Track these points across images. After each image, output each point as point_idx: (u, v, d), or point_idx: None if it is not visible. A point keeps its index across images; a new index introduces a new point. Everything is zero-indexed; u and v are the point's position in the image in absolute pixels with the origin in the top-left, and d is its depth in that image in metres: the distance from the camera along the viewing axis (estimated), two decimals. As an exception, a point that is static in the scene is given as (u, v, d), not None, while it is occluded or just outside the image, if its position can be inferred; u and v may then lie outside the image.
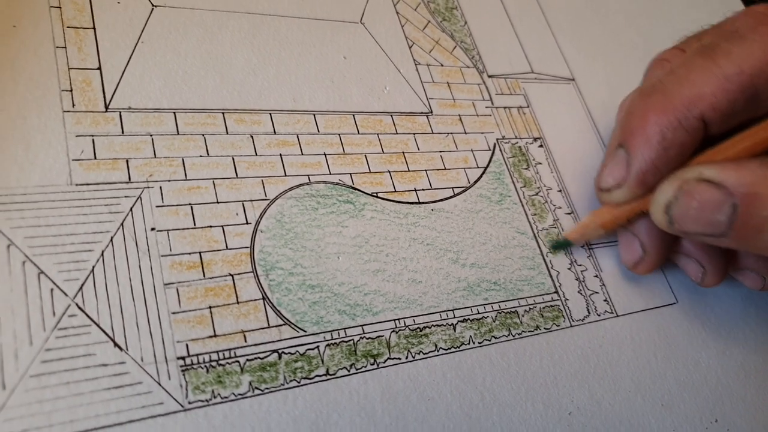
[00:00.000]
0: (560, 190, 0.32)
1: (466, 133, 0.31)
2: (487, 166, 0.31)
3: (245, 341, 0.22)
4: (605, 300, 0.29)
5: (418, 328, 0.25)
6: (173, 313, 0.22)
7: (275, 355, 0.22)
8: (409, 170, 0.29)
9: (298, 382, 0.22)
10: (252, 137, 0.26)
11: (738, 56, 0.24)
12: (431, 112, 0.31)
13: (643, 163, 0.25)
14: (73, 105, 0.24)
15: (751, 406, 0.29)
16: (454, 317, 0.26)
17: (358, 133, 0.29)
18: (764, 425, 0.29)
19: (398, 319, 0.25)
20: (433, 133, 0.30)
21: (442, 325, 0.25)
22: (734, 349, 0.31)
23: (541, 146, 0.33)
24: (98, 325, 0.21)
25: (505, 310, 0.27)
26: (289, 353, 0.22)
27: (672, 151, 0.25)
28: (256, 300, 0.23)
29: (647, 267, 0.29)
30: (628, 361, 0.28)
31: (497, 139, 0.32)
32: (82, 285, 0.21)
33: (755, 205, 0.22)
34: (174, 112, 0.26)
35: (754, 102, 0.24)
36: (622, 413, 0.26)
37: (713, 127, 0.25)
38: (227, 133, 0.26)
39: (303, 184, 0.26)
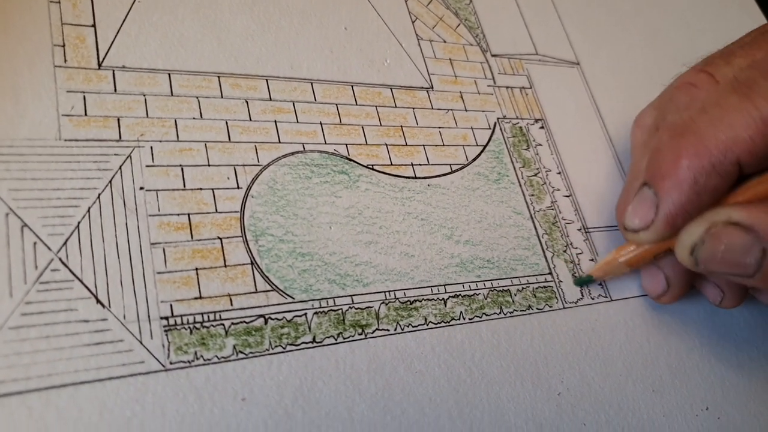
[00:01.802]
0: (559, 172, 0.31)
1: (466, 110, 0.31)
2: (487, 144, 0.30)
3: (231, 305, 0.22)
4: (600, 284, 0.29)
5: (409, 301, 0.25)
6: (159, 273, 0.21)
7: (261, 320, 0.22)
8: (406, 144, 0.28)
9: (284, 348, 0.22)
10: (247, 102, 0.26)
11: None
12: (432, 87, 0.31)
13: (672, 207, 0.24)
14: (65, 61, 0.24)
15: (743, 394, 0.29)
16: (446, 292, 0.25)
17: (356, 105, 0.28)
18: (755, 414, 0.28)
19: (389, 291, 0.24)
20: (432, 108, 0.30)
21: (433, 299, 0.25)
22: (728, 338, 0.30)
23: (542, 127, 0.32)
24: (81, 281, 0.20)
25: (497, 288, 0.26)
26: (276, 319, 0.22)
27: (704, 195, 0.24)
28: (244, 264, 0.23)
29: (671, 299, 0.28)
30: (620, 345, 0.28)
31: (498, 119, 0.31)
32: (67, 240, 0.21)
33: None
34: (169, 73, 0.25)
35: None
36: (612, 397, 0.26)
37: (747, 168, 0.24)
38: (222, 97, 0.25)
39: (297, 152, 0.26)
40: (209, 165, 0.24)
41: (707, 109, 0.24)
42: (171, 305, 0.21)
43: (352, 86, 0.28)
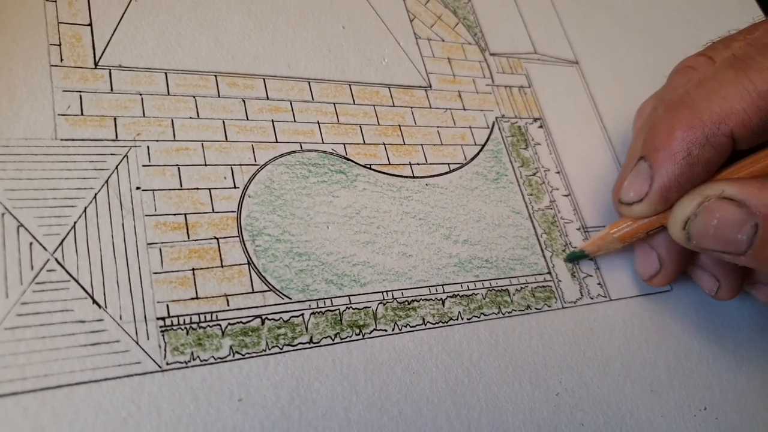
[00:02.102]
0: (558, 172, 0.31)
1: (465, 109, 0.31)
2: (485, 143, 0.30)
3: (228, 305, 0.22)
4: (599, 284, 0.29)
5: (407, 301, 0.24)
6: (155, 273, 0.21)
7: (258, 320, 0.22)
8: (404, 144, 0.28)
9: (281, 349, 0.22)
10: (244, 101, 0.26)
11: None
12: (430, 86, 0.30)
13: (666, 179, 0.24)
14: (62, 60, 0.23)
15: (741, 395, 0.29)
16: (444, 292, 0.25)
17: (354, 104, 0.28)
18: (753, 414, 0.28)
19: (386, 292, 0.24)
20: (431, 107, 0.30)
21: (431, 299, 0.25)
22: (726, 339, 0.30)
23: (540, 127, 0.32)
24: (77, 281, 0.20)
25: (495, 288, 0.26)
26: (273, 319, 0.22)
27: (697, 167, 0.24)
28: (240, 265, 0.23)
29: (663, 280, 0.28)
30: (619, 345, 0.28)
31: (496, 118, 0.31)
32: (63, 240, 0.21)
33: None
34: (165, 73, 0.25)
35: None
36: (610, 397, 0.26)
37: (741, 143, 0.24)
38: (219, 96, 0.25)
39: (294, 152, 0.26)
40: (206, 164, 0.24)
41: (703, 83, 0.24)
42: (167, 306, 0.21)
43: (349, 85, 0.28)
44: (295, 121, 0.26)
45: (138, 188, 0.22)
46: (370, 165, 0.27)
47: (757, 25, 0.26)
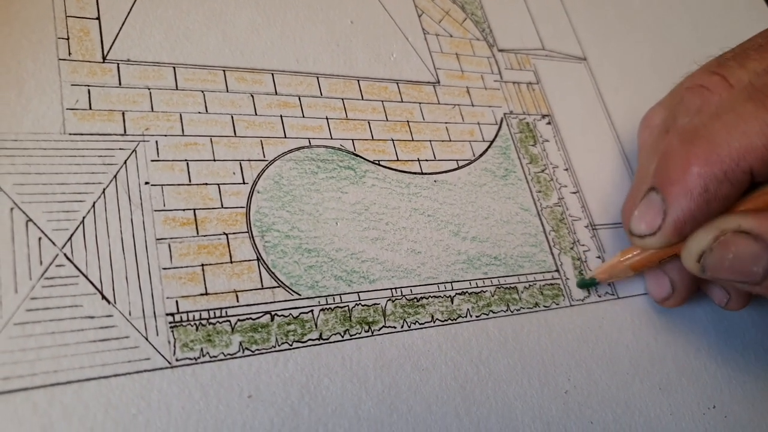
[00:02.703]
0: (567, 169, 0.31)
1: (473, 105, 0.31)
2: (494, 140, 0.30)
3: (237, 301, 0.22)
4: (605, 284, 0.29)
5: (415, 298, 0.24)
6: (164, 268, 0.21)
7: (268, 316, 0.22)
8: (413, 140, 0.28)
9: (290, 345, 0.22)
10: (252, 96, 0.26)
11: None
12: (438, 82, 0.30)
13: (681, 214, 0.24)
14: (70, 54, 0.23)
15: (750, 394, 0.29)
16: (452, 290, 0.25)
17: (362, 99, 0.28)
18: (762, 413, 0.28)
19: (395, 288, 0.24)
20: (439, 103, 0.30)
21: (440, 296, 0.25)
22: (735, 337, 0.30)
23: (549, 123, 0.32)
24: (86, 277, 0.20)
25: (504, 286, 0.26)
26: (282, 316, 0.22)
27: (714, 204, 0.23)
28: (250, 261, 0.22)
29: (676, 303, 0.28)
30: (627, 343, 0.27)
31: (505, 114, 0.31)
32: (72, 235, 0.20)
33: None
34: (174, 67, 0.25)
35: None
36: (619, 395, 0.26)
37: (759, 177, 0.23)
38: (227, 91, 0.25)
39: (303, 147, 0.26)
40: (215, 160, 0.24)
41: (721, 115, 0.23)
42: (177, 301, 0.21)
43: (358, 80, 0.28)
44: (303, 116, 0.26)
45: (147, 183, 0.22)
46: (378, 161, 0.27)
47: None
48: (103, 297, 0.20)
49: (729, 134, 0.23)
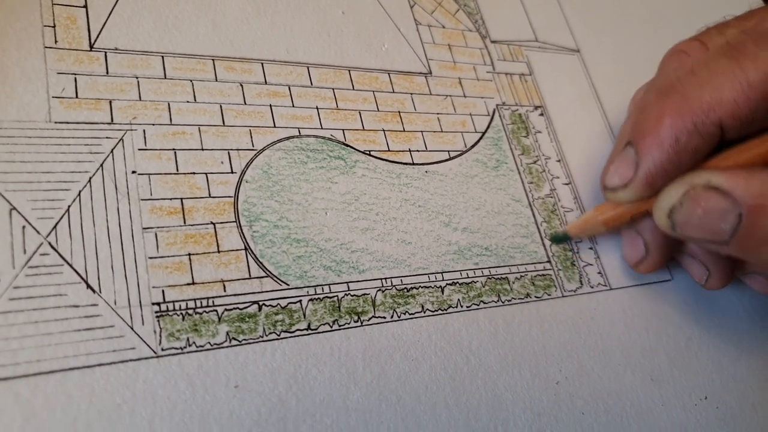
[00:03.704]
0: (559, 160, 0.31)
1: (465, 96, 0.30)
2: (485, 131, 0.30)
3: (224, 291, 0.21)
4: (599, 272, 0.29)
5: (405, 288, 0.24)
6: (150, 258, 0.21)
7: (255, 306, 0.21)
8: (404, 130, 0.28)
9: (278, 335, 0.21)
10: (242, 86, 0.25)
11: (765, 62, 0.22)
12: (430, 73, 0.30)
13: (652, 166, 0.24)
14: (56, 41, 0.23)
15: (741, 384, 0.29)
16: (443, 280, 0.25)
17: (353, 89, 0.28)
18: (753, 403, 0.28)
19: (385, 279, 0.24)
20: (431, 94, 0.29)
21: (430, 287, 0.25)
22: (727, 329, 0.30)
23: (541, 115, 0.32)
24: (71, 266, 0.20)
25: (495, 276, 0.26)
26: (270, 306, 0.22)
27: (684, 155, 0.24)
28: (238, 250, 0.22)
29: (649, 267, 0.28)
30: (619, 334, 0.27)
31: (497, 105, 0.31)
32: (56, 224, 0.20)
33: (761, 216, 0.21)
34: (162, 56, 0.25)
35: None
36: (610, 386, 0.26)
37: (730, 132, 0.23)
38: (216, 80, 0.25)
39: (293, 137, 0.25)
40: (203, 149, 0.23)
41: (696, 72, 0.24)
42: (163, 291, 0.21)
43: (349, 71, 0.28)
44: (293, 106, 0.26)
45: (134, 172, 0.22)
46: (369, 151, 0.27)
47: (753, 12, 0.26)
48: (88, 286, 0.20)
49: (701, 88, 0.23)
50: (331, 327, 0.22)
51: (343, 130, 0.26)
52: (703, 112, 0.23)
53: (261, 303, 0.22)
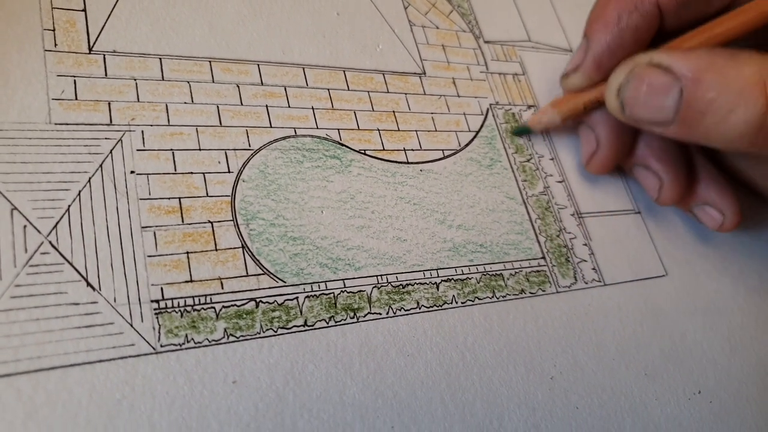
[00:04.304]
0: (552, 158, 0.31)
1: (459, 96, 0.31)
2: (479, 130, 0.30)
3: (222, 288, 0.22)
4: (593, 268, 0.29)
5: (401, 285, 0.25)
6: (149, 256, 0.21)
7: (252, 303, 0.22)
8: (399, 129, 0.28)
9: (275, 332, 0.22)
10: (238, 87, 0.26)
11: None
12: (424, 73, 0.30)
13: (599, 47, 0.27)
14: (56, 45, 0.23)
15: (735, 379, 0.29)
16: (438, 276, 0.25)
17: (348, 90, 0.28)
18: (747, 398, 0.29)
19: (381, 275, 0.24)
20: (425, 94, 0.30)
21: (426, 283, 0.25)
22: (721, 324, 0.30)
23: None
24: (71, 264, 0.20)
25: (490, 273, 0.26)
26: (267, 302, 0.22)
27: (627, 35, 0.27)
28: (235, 248, 0.23)
29: (600, 163, 0.29)
30: (613, 329, 0.28)
31: (491, 104, 0.31)
32: (57, 223, 0.21)
33: (700, 88, 0.23)
34: (160, 58, 0.25)
35: None
36: (605, 380, 0.26)
37: (668, 17, 0.27)
38: (213, 82, 0.25)
39: (289, 137, 0.26)
40: (200, 149, 0.24)
41: None
42: (162, 288, 0.21)
43: (344, 71, 0.28)
44: (289, 106, 0.26)
45: (132, 172, 0.22)
46: (364, 150, 0.27)
47: None
48: (88, 284, 0.20)
49: None
50: (328, 323, 0.23)
51: (338, 129, 0.27)
52: None
53: (258, 300, 0.22)
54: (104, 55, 0.24)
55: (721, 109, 0.23)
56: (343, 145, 0.27)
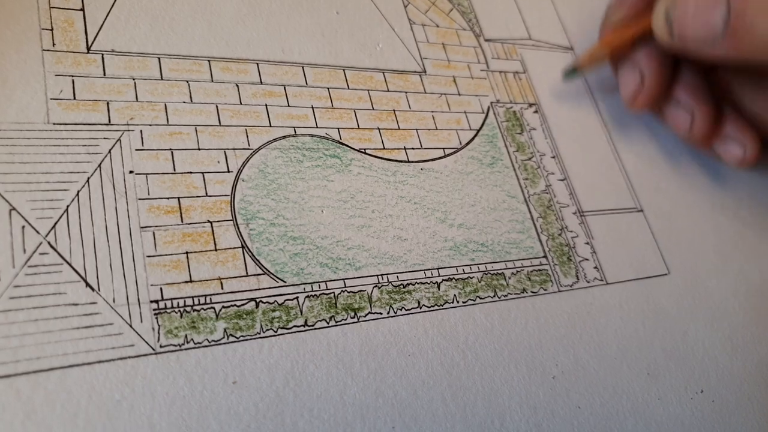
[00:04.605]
0: (554, 157, 0.31)
1: (459, 94, 0.31)
2: (480, 128, 0.30)
3: (222, 288, 0.22)
4: (595, 267, 0.29)
5: (402, 284, 0.24)
6: (148, 256, 0.21)
7: (252, 303, 0.22)
8: (399, 128, 0.28)
9: (275, 332, 0.22)
10: (237, 86, 0.26)
11: None
12: (425, 71, 0.30)
13: None
14: (54, 44, 0.23)
15: (737, 378, 0.29)
16: (439, 276, 0.25)
17: (348, 88, 0.28)
18: (749, 396, 0.28)
19: (381, 275, 0.24)
20: (425, 92, 0.30)
21: (426, 282, 0.25)
22: (722, 323, 0.30)
23: (536, 112, 0.32)
24: (70, 264, 0.20)
25: (491, 272, 0.26)
26: (267, 302, 0.22)
27: None
28: (234, 248, 0.22)
29: (644, 98, 0.30)
30: (615, 328, 0.27)
31: (491, 103, 0.31)
32: (55, 224, 0.20)
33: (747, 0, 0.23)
34: (159, 57, 0.25)
35: None
36: (606, 380, 0.26)
37: None
38: (212, 81, 0.25)
39: (288, 136, 0.26)
40: (199, 149, 0.24)
41: None
42: (161, 289, 0.21)
43: (344, 70, 0.28)
44: (288, 105, 0.26)
45: (131, 172, 0.22)
46: (364, 149, 0.27)
47: None
48: (87, 284, 0.20)
49: None
50: (328, 323, 0.22)
51: (338, 128, 0.27)
52: None
53: (258, 300, 0.22)
54: (103, 54, 0.24)
55: None
56: (343, 144, 0.26)
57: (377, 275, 0.24)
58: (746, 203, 0.34)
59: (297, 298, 0.22)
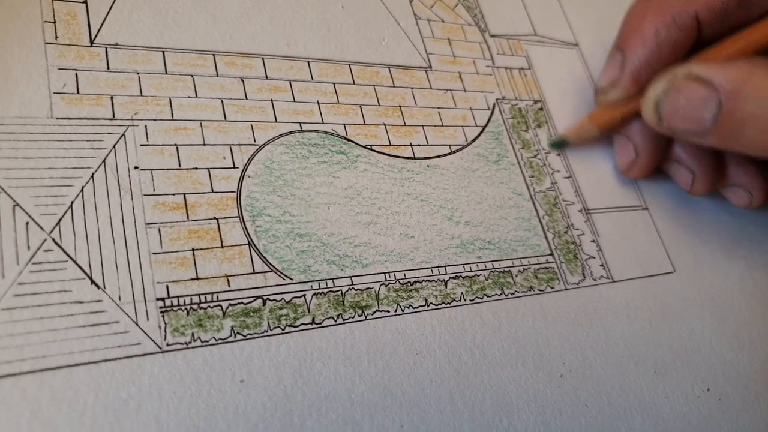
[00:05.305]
0: (559, 154, 0.31)
1: (465, 90, 0.30)
2: (486, 125, 0.30)
3: (228, 286, 0.21)
4: (602, 265, 0.29)
5: (409, 282, 0.24)
6: (154, 253, 0.21)
7: (259, 301, 0.21)
8: (405, 124, 0.28)
9: (282, 330, 0.21)
10: (243, 81, 0.25)
11: None
12: (430, 67, 0.30)
13: (636, 62, 0.27)
14: (56, 37, 0.23)
15: (744, 376, 0.29)
16: (446, 273, 0.25)
17: (354, 84, 0.28)
18: (756, 395, 0.28)
19: (388, 273, 0.24)
20: (431, 88, 0.29)
21: (434, 280, 0.25)
22: (729, 320, 0.30)
23: (541, 109, 0.32)
24: (75, 262, 0.20)
25: (498, 270, 0.26)
26: (274, 300, 0.22)
27: (665, 48, 0.26)
28: (241, 245, 0.22)
29: (640, 169, 0.30)
30: (622, 326, 0.27)
31: (497, 99, 0.31)
32: (60, 220, 0.20)
33: (739, 100, 0.23)
34: (163, 51, 0.25)
35: (746, 4, 0.26)
36: (614, 378, 0.26)
37: (706, 28, 0.26)
38: (217, 75, 0.25)
39: (294, 132, 0.25)
40: (204, 144, 0.23)
41: None
42: (167, 286, 0.21)
43: (349, 65, 0.28)
44: (294, 100, 0.26)
45: (136, 168, 0.22)
46: (370, 146, 0.27)
47: None
48: (92, 282, 0.20)
49: None
50: (336, 321, 0.22)
51: (344, 124, 0.26)
52: (680, 5, 0.26)
53: (265, 298, 0.22)
54: (106, 48, 0.24)
55: (762, 121, 0.22)
56: (349, 140, 0.26)
57: (384, 273, 0.24)
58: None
59: (304, 295, 0.22)
